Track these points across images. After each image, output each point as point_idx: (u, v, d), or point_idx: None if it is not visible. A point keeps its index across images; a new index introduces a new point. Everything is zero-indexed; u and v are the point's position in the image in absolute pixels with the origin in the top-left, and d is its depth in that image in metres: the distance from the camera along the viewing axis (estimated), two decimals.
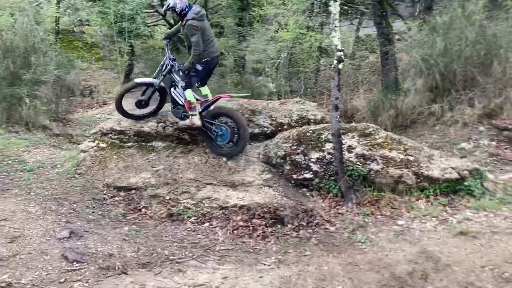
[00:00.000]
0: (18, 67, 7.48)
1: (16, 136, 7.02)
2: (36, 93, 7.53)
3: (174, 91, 5.89)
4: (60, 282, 3.57)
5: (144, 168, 5.77)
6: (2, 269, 3.65)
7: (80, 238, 4.26)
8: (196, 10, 5.65)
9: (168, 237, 4.64)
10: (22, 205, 4.85)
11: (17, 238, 4.15)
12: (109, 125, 6.30)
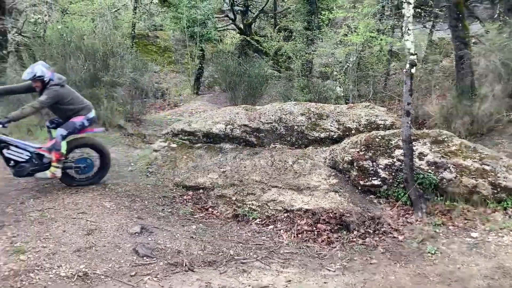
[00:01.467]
0: (98, 69, 7.94)
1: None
2: (113, 95, 7.97)
3: (7, 151, 5.18)
4: (131, 275, 3.73)
5: (211, 169, 5.91)
6: (79, 259, 3.89)
7: (150, 234, 4.44)
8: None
9: (234, 237, 4.71)
10: (98, 200, 5.13)
11: (93, 231, 4.40)
12: (180, 126, 6.53)
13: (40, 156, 5.34)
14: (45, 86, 5.19)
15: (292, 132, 6.15)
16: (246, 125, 6.25)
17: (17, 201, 5.06)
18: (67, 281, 3.57)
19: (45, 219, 4.57)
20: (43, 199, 5.13)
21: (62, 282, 3.55)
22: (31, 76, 5.10)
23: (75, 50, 8.21)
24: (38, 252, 3.93)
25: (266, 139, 6.19)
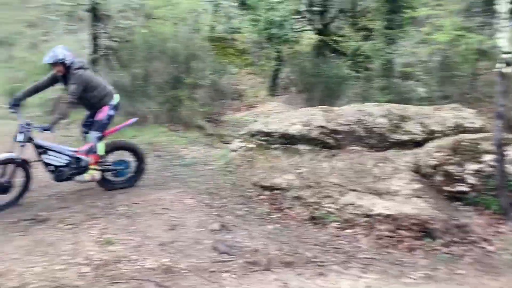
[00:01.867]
0: (180, 72, 8.27)
1: (176, 134, 7.78)
2: (194, 96, 8.26)
3: (46, 157, 5.21)
4: (211, 271, 3.83)
5: (288, 170, 5.91)
6: (163, 253, 4.07)
7: (229, 232, 4.53)
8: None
9: (310, 239, 4.67)
10: (180, 196, 5.34)
11: (175, 226, 4.58)
12: (257, 127, 6.60)
13: (78, 159, 5.31)
14: (67, 70, 5.06)
15: (371, 134, 5.98)
16: (324, 126, 6.17)
17: (106, 195, 5.41)
18: (152, 273, 3.74)
19: (131, 213, 4.83)
20: (129, 194, 5.43)
21: (147, 274, 3.72)
22: (53, 59, 4.98)
23: (159, 54, 8.61)
24: (125, 244, 4.16)
25: (344, 141, 6.07)
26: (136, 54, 8.75)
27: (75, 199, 5.33)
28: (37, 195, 5.57)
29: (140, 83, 8.37)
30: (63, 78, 5.16)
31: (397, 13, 11.40)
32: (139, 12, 12.45)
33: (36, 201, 5.32)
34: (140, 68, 8.58)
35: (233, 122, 9.89)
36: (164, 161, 6.58)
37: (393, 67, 11.95)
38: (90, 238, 4.26)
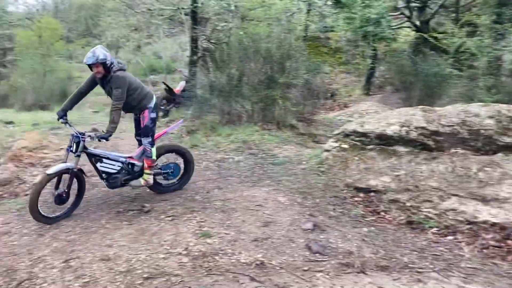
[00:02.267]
0: (274, 72, 8.38)
1: (269, 133, 7.89)
2: (287, 95, 8.32)
3: (101, 165, 5.18)
4: (304, 270, 3.84)
5: (384, 172, 5.72)
6: (257, 249, 4.15)
7: (322, 232, 4.50)
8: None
9: (408, 244, 4.48)
10: (273, 194, 5.42)
11: (269, 223, 4.66)
12: (352, 127, 6.48)
13: (131, 165, 5.35)
14: (107, 71, 4.93)
15: (477, 137, 5.57)
16: (423, 127, 5.87)
17: (204, 190, 5.65)
18: (246, 267, 3.84)
19: (227, 208, 5.00)
20: (225, 190, 5.63)
21: (241, 268, 3.82)
22: (93, 60, 4.82)
23: (253, 54, 8.79)
24: (221, 238, 4.31)
25: (446, 143, 5.72)
26: (231, 55, 9.02)
27: (175, 193, 5.63)
28: (141, 188, 5.98)
29: (235, 83, 8.61)
30: (102, 80, 5.05)
31: (507, 6, 10.50)
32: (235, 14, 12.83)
33: (141, 193, 5.71)
34: (235, 69, 8.83)
35: (326, 121, 9.81)
36: (257, 159, 6.71)
37: (501, 65, 11.04)
38: (189, 230, 4.48)
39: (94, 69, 4.91)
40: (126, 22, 15.15)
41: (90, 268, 3.85)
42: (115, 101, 4.90)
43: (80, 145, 4.92)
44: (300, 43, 11.24)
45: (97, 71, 4.91)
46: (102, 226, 4.75)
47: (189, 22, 11.04)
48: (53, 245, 4.40)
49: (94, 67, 4.89)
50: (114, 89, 4.90)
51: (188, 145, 7.75)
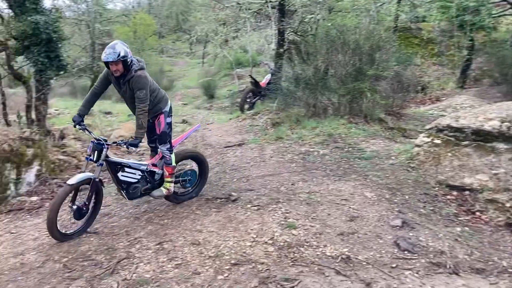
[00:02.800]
0: (363, 64, 8.16)
1: (355, 126, 7.73)
2: (376, 88, 8.07)
3: (122, 174, 4.79)
4: (391, 267, 3.73)
5: (480, 170, 5.36)
6: (343, 243, 4.11)
7: (411, 230, 4.34)
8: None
9: (507, 247, 4.18)
10: (359, 189, 5.31)
11: (355, 218, 4.58)
12: (445, 121, 6.13)
13: (152, 173, 5.08)
14: (126, 70, 4.50)
15: None
16: None
17: (288, 182, 5.69)
18: (331, 260, 3.82)
19: (312, 201, 5.00)
20: (309, 183, 5.62)
21: (327, 261, 3.81)
22: (114, 57, 4.34)
23: (341, 46, 8.62)
24: (307, 230, 4.32)
25: None
26: (318, 47, 8.92)
27: (261, 183, 5.74)
28: (229, 177, 6.17)
29: (321, 76, 8.52)
30: (118, 80, 4.62)
31: None
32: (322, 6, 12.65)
33: (228, 182, 5.89)
34: (322, 61, 8.73)
35: (417, 116, 9.39)
36: (343, 153, 6.61)
37: None
38: (274, 220, 4.54)
39: (113, 67, 4.43)
40: (215, 16, 15.58)
41: (182, 251, 4.06)
42: (141, 104, 4.53)
43: (102, 154, 4.53)
44: (390, 34, 10.82)
45: (116, 69, 4.44)
46: (192, 212, 4.98)
47: (276, 15, 11.09)
48: (148, 228, 4.70)
49: (112, 65, 4.42)
50: (138, 90, 4.52)
51: (272, 138, 7.84)
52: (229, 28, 16.24)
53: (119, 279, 3.66)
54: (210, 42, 23.22)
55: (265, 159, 6.77)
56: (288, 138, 7.65)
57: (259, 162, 6.69)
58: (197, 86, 22.28)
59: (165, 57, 35.71)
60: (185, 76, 28.29)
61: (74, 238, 4.52)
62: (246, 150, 7.50)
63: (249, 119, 9.95)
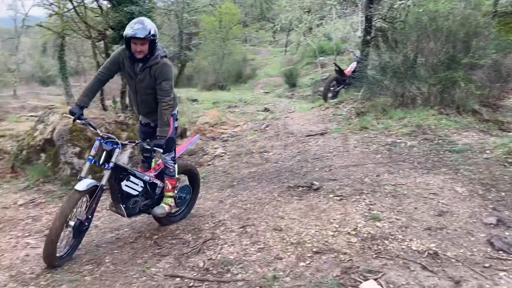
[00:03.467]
0: (457, 51, 7.68)
1: (446, 117, 7.33)
2: (471, 77, 7.56)
3: (126, 184, 4.04)
4: (484, 266, 3.52)
5: None
6: (430, 238, 3.94)
7: (507, 228, 4.05)
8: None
9: None
10: (449, 183, 5.04)
11: (444, 213, 4.37)
12: None
13: (153, 186, 4.39)
14: (151, 52, 3.83)
15: None
16: None
17: (373, 173, 5.55)
18: (417, 255, 3.68)
19: (397, 194, 4.84)
20: (395, 175, 5.44)
21: (413, 255, 3.68)
22: (145, 33, 3.68)
23: (432, 33, 8.17)
24: (392, 223, 4.20)
25: None
26: (408, 34, 8.53)
27: (344, 173, 5.66)
28: (310, 166, 6.16)
29: (410, 64, 8.16)
30: (134, 64, 3.94)
31: None
32: None
33: (310, 171, 5.88)
34: (412, 49, 8.35)
35: None
36: (432, 145, 6.31)
37: None
38: (358, 211, 4.47)
39: (137, 46, 3.73)
40: (300, 4, 15.47)
41: (264, 236, 4.14)
42: (166, 97, 3.91)
43: (114, 155, 3.78)
44: (489, 19, 10.04)
45: (141, 49, 3.76)
46: (274, 199, 5.04)
47: (364, 1, 10.77)
48: (232, 211, 4.85)
49: (137, 44, 3.73)
50: (163, 81, 3.89)
51: (357, 127, 7.68)
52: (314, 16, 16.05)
53: (204, 258, 3.82)
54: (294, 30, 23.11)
55: (349, 149, 6.65)
56: (374, 128, 7.45)
57: (342, 152, 6.60)
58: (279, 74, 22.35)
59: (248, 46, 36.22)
60: (267, 65, 28.48)
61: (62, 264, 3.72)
62: (329, 139, 7.42)
63: (332, 108, 9.81)
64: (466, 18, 8.35)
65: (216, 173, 6.67)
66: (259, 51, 34.83)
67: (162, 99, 3.93)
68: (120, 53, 4.00)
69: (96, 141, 3.87)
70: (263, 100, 14.78)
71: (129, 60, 3.93)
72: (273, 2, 34.60)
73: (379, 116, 7.99)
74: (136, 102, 4.20)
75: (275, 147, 7.63)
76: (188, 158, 7.71)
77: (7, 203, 5.89)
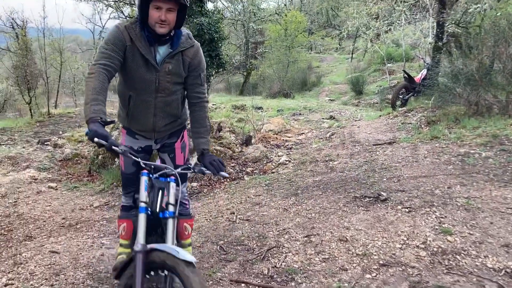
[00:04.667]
0: None
1: None
2: None
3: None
4: None
5: None
6: (508, 255, 3.69)
7: None
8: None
9: None
10: None
11: None
12: None
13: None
14: (179, 26, 2.67)
15: None
16: None
17: (444, 185, 5.31)
18: (493, 273, 3.48)
19: (471, 207, 4.60)
20: (469, 187, 5.17)
21: (488, 273, 3.48)
22: None
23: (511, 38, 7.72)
24: (464, 238, 4.00)
25: None
26: (483, 39, 8.12)
27: (413, 184, 5.47)
28: (378, 176, 6.01)
29: (486, 71, 7.75)
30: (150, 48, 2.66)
31: None
32: None
33: (378, 181, 5.74)
34: (487, 55, 7.93)
35: None
36: (510, 157, 5.93)
37: None
38: (427, 224, 4.30)
39: (162, 13, 2.52)
40: (368, 10, 15.20)
41: (329, 246, 4.10)
42: (204, 96, 2.95)
43: (172, 195, 2.48)
44: None
45: (171, 18, 2.56)
46: (339, 209, 4.98)
47: (436, 6, 10.39)
48: (296, 220, 4.84)
49: (163, 7, 2.52)
50: (202, 72, 2.87)
51: (427, 137, 7.40)
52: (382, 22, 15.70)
53: (269, 266, 3.85)
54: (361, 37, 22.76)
55: (418, 160, 6.42)
56: (445, 138, 7.13)
57: (412, 162, 6.38)
58: (345, 82, 22.08)
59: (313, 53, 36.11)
60: (332, 72, 28.24)
61: None
62: (397, 149, 7.20)
63: (401, 116, 9.53)
64: None
65: (280, 181, 6.69)
66: (324, 58, 34.65)
67: (203, 98, 2.92)
68: (123, 32, 2.60)
69: (143, 178, 2.47)
70: (328, 108, 14.67)
71: (144, 41, 2.62)
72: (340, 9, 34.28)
73: (451, 125, 7.65)
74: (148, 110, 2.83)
75: (341, 156, 7.52)
76: (255, 165, 7.81)
77: (84, 204, 6.28)
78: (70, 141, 10.25)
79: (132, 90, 2.79)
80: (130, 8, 12.14)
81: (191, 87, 2.89)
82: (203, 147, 2.81)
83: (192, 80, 2.87)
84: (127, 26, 2.64)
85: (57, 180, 7.68)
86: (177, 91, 2.87)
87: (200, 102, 2.92)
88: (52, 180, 7.63)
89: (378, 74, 22.44)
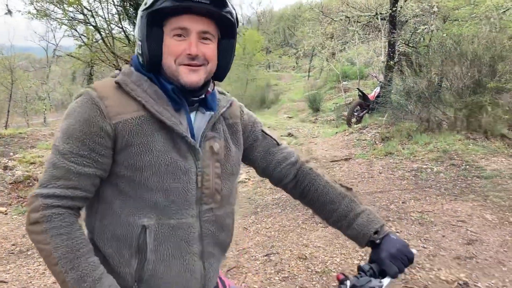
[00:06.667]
0: (482, 76, 7.60)
1: (474, 142, 7.19)
2: (498, 101, 7.45)
3: None
4: None
5: None
6: (459, 267, 3.83)
7: None
8: None
9: None
10: (478, 210, 4.92)
11: (473, 241, 4.25)
12: None
13: None
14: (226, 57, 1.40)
15: None
16: None
17: (399, 200, 5.47)
18: (446, 285, 3.58)
19: (424, 221, 4.74)
20: (422, 202, 5.34)
21: (441, 285, 3.58)
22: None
23: (457, 57, 8.13)
24: (419, 251, 4.10)
25: None
26: (432, 58, 8.51)
27: (369, 200, 5.59)
28: None
29: (435, 89, 8.11)
30: (179, 113, 1.29)
31: None
32: (436, 15, 12.05)
33: None
34: (436, 73, 8.31)
35: None
36: (460, 171, 6.19)
37: None
38: None
39: (192, 44, 1.24)
40: (323, 30, 15.64)
41: (289, 265, 4.10)
42: (293, 152, 1.65)
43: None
44: None
45: (200, 51, 1.26)
46: (298, 226, 5.01)
47: (387, 26, 10.82)
48: (256, 239, 4.83)
49: (193, 32, 1.24)
50: (261, 125, 1.67)
51: (381, 153, 7.61)
52: (337, 41, 16.18)
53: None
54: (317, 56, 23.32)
55: (374, 175, 6.58)
56: (399, 153, 7.36)
57: (367, 178, 6.53)
58: (302, 99, 22.47)
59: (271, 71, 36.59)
60: (290, 90, 28.67)
61: None
62: (353, 165, 7.36)
63: (357, 133, 9.77)
64: (492, 42, 8.30)
65: (239, 199, 6.68)
66: (282, 76, 35.13)
67: (297, 156, 1.63)
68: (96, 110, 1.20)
69: None
70: (287, 125, 14.84)
71: (166, 103, 1.27)
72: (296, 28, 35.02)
73: (404, 141, 7.91)
74: (190, 248, 1.30)
75: None
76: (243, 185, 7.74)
77: None
78: (21, 163, 9.81)
79: (147, 213, 1.25)
80: (85, 26, 11.92)
81: (269, 157, 1.58)
82: (375, 226, 1.43)
83: (262, 148, 1.58)
84: (123, 82, 1.26)
85: (7, 204, 7.32)
86: (232, 193, 1.48)
87: (302, 166, 1.61)
88: (2, 204, 7.27)
89: (334, 91, 22.96)
